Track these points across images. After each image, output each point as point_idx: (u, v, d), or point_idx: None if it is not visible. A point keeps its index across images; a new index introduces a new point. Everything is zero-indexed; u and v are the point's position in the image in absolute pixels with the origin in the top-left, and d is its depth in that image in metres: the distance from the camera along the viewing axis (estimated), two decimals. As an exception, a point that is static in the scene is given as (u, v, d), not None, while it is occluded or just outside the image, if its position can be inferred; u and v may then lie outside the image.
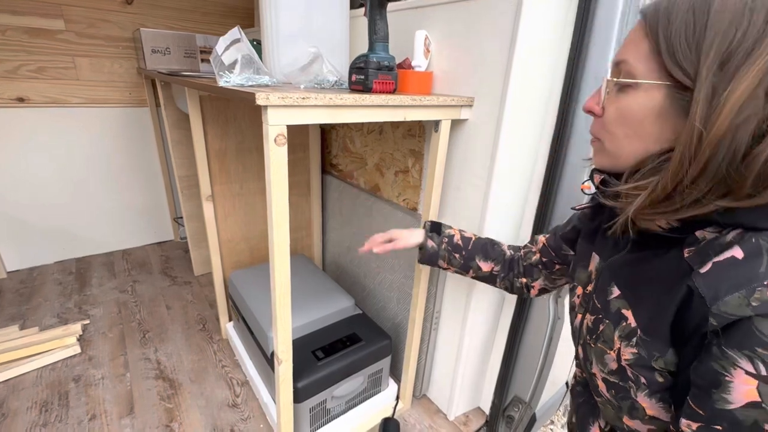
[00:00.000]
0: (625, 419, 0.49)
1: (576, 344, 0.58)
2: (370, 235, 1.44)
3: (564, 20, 0.88)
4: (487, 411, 1.32)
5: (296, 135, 1.60)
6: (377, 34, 0.82)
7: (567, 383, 1.46)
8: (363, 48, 0.86)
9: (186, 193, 1.97)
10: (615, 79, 0.41)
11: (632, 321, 0.45)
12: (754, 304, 0.33)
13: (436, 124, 0.94)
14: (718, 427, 0.36)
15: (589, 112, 0.45)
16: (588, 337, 0.53)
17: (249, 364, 1.41)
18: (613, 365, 0.48)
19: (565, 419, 1.59)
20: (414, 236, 0.91)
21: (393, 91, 0.85)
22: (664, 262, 0.43)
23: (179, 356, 1.53)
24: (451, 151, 1.04)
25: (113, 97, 2.05)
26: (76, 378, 1.40)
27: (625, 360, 0.45)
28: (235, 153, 1.50)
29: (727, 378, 0.35)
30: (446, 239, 0.88)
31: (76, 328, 1.61)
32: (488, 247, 0.85)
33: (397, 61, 0.94)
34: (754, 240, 0.36)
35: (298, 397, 1.05)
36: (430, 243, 0.88)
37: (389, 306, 1.42)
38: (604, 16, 0.83)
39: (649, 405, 0.45)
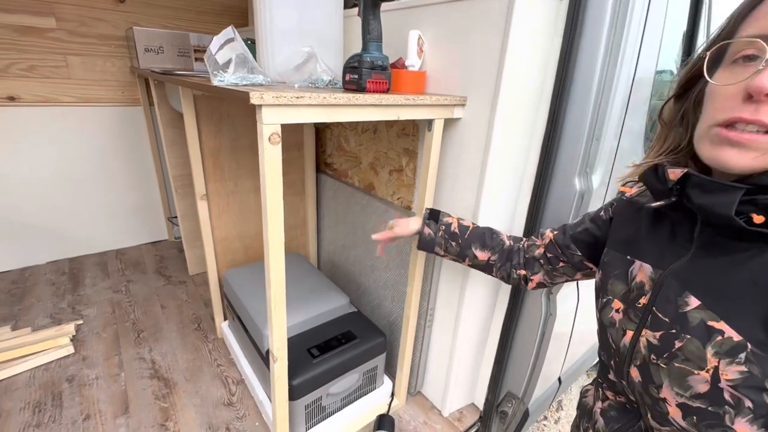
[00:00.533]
0: None
1: (623, 365, 0.52)
2: (364, 233, 1.46)
3: (555, 20, 0.89)
4: (481, 407, 1.33)
5: (291, 134, 1.61)
6: (370, 33, 0.83)
7: (559, 379, 1.48)
8: (357, 47, 0.86)
9: (180, 192, 1.97)
10: None
11: (733, 334, 0.39)
12: None
13: (430, 123, 0.95)
14: None
15: None
16: (653, 357, 0.47)
17: (244, 363, 1.41)
18: (703, 387, 0.42)
19: (558, 415, 1.61)
20: (412, 223, 0.93)
21: (386, 91, 0.86)
22: (763, 264, 0.38)
23: (174, 355, 1.53)
24: (445, 150, 1.05)
25: (106, 96, 2.03)
26: (70, 378, 1.39)
27: (728, 380, 0.40)
28: (229, 151, 1.50)
29: None
30: (443, 227, 0.88)
31: (70, 328, 1.60)
32: (486, 237, 0.84)
33: (391, 61, 0.95)
34: None
35: (294, 394, 1.06)
36: (427, 230, 0.89)
37: (384, 304, 1.43)
38: (593, 17, 0.84)
39: (747, 430, 0.40)
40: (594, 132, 0.92)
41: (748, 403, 0.39)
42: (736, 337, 0.39)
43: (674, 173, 0.44)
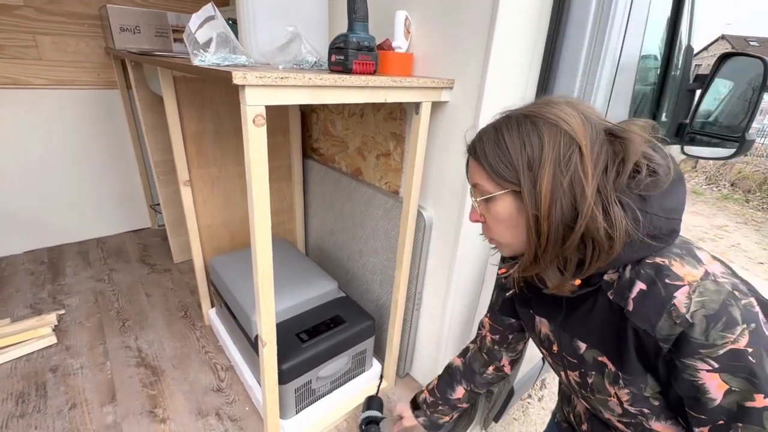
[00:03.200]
0: None
1: (577, 397, 0.64)
2: (352, 218, 1.46)
3: (542, 3, 0.88)
4: (468, 386, 1.37)
5: (276, 119, 1.57)
6: (356, 13, 0.81)
7: (543, 358, 1.53)
8: (342, 28, 0.84)
9: (162, 178, 1.92)
10: (477, 199, 0.54)
11: (611, 366, 0.51)
12: (677, 321, 0.43)
13: (417, 106, 0.94)
14: (721, 422, 0.44)
15: (476, 221, 0.56)
16: (583, 392, 0.59)
17: (233, 349, 1.41)
18: (618, 409, 0.54)
19: (541, 393, 1.67)
20: (410, 415, 0.97)
21: (373, 72, 0.85)
22: (601, 309, 0.51)
23: (161, 343, 1.52)
24: (432, 133, 1.04)
25: (80, 78, 1.94)
26: (54, 368, 1.37)
27: (625, 401, 0.52)
28: (212, 136, 1.46)
29: (699, 381, 0.43)
30: (425, 405, 0.94)
31: (51, 318, 1.57)
32: (445, 378, 0.91)
33: (378, 42, 0.93)
34: (642, 271, 0.46)
35: (283, 378, 1.06)
36: (421, 419, 0.94)
37: (372, 288, 1.44)
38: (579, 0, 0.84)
39: (663, 427, 0.52)
40: (579, 116, 0.93)
41: (647, 410, 0.51)
42: (612, 368, 0.51)
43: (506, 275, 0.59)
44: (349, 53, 0.80)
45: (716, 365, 0.42)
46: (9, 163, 1.89)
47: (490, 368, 0.84)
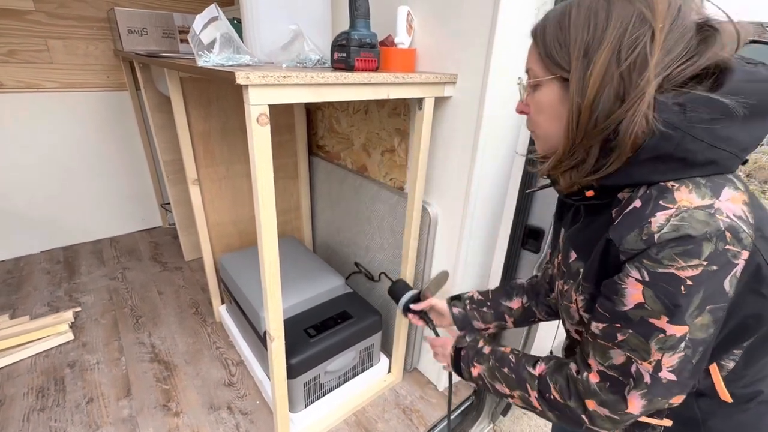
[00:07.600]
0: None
1: (559, 310, 0.66)
2: (358, 214, 1.47)
3: (545, -6, 0.88)
4: (475, 381, 1.37)
5: (281, 116, 1.59)
6: (358, 10, 0.81)
7: (551, 353, 1.53)
8: (345, 25, 0.85)
9: (172, 178, 1.95)
10: (524, 84, 0.53)
11: (582, 275, 0.54)
12: (644, 238, 0.43)
13: (420, 102, 0.94)
14: (618, 325, 0.47)
15: (522, 112, 0.56)
16: (561, 300, 0.61)
17: (243, 345, 1.43)
18: (576, 316, 0.57)
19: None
20: (442, 306, 0.89)
21: (376, 69, 0.85)
22: (601, 223, 0.51)
23: (173, 340, 1.55)
24: (436, 128, 1.04)
25: (90, 80, 1.98)
26: (71, 364, 1.41)
27: (580, 307, 0.55)
28: (219, 135, 1.48)
29: (622, 285, 0.45)
30: (467, 301, 0.86)
31: (68, 315, 1.61)
32: (506, 288, 0.84)
33: (380, 39, 0.93)
34: (648, 191, 0.45)
35: (292, 372, 1.08)
36: (455, 310, 0.87)
37: (379, 284, 1.45)
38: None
39: None
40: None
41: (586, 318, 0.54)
42: (582, 278, 0.53)
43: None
44: (351, 50, 0.81)
45: (647, 279, 0.43)
46: (25, 166, 1.94)
47: (552, 295, 0.77)
